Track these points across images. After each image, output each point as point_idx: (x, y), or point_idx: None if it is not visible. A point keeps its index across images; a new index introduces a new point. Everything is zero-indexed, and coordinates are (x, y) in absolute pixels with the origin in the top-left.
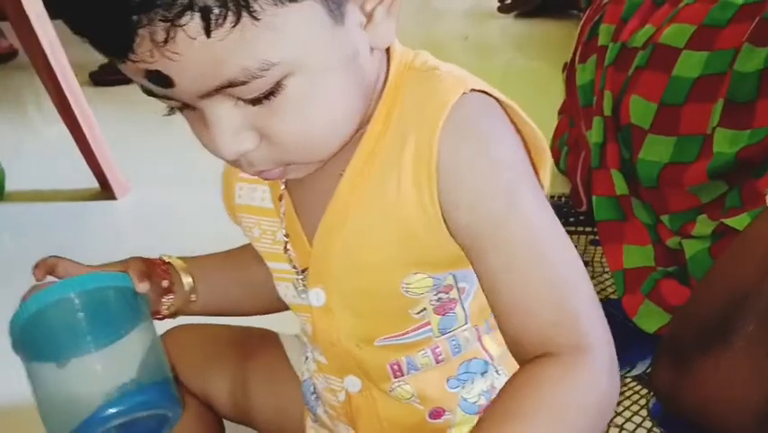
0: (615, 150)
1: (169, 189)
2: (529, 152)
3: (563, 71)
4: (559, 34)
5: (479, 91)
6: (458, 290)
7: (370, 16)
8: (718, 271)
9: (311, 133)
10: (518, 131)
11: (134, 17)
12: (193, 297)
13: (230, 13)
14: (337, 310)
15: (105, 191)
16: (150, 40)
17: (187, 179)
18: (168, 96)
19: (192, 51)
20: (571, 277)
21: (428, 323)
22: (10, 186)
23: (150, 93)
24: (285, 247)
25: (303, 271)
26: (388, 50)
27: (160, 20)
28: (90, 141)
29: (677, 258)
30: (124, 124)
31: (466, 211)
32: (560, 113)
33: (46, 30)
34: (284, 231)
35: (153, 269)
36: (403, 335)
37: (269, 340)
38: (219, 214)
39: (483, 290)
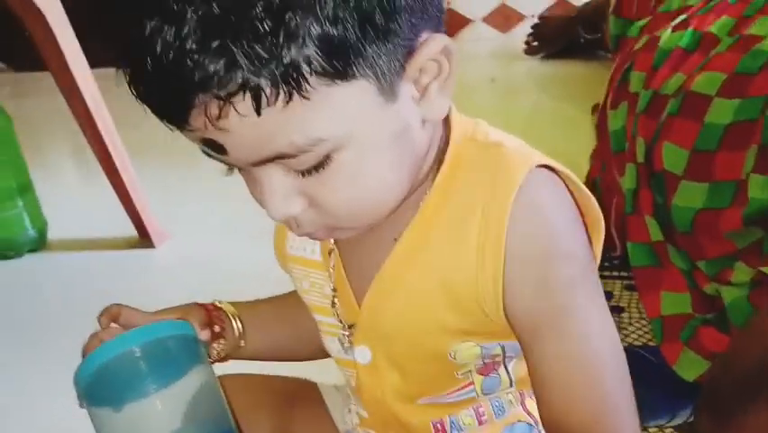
0: (648, 196)
1: (207, 238)
2: (585, 222)
3: (592, 113)
4: (586, 75)
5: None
6: (504, 357)
7: (424, 91)
8: (759, 320)
9: (358, 203)
10: (575, 200)
11: (191, 94)
12: (242, 342)
13: (281, 93)
14: (383, 369)
15: (144, 240)
16: (204, 114)
17: (226, 228)
18: (223, 161)
19: (243, 127)
20: (617, 374)
21: (471, 383)
22: (51, 235)
23: (208, 154)
24: (332, 302)
25: (350, 327)
26: (446, 117)
27: (214, 97)
28: (130, 190)
29: (715, 305)
30: (164, 172)
31: (529, 298)
32: (592, 158)
33: (88, 83)
34: (332, 285)
35: (207, 316)
36: (447, 395)
37: (310, 391)
38: (257, 264)
39: (530, 372)
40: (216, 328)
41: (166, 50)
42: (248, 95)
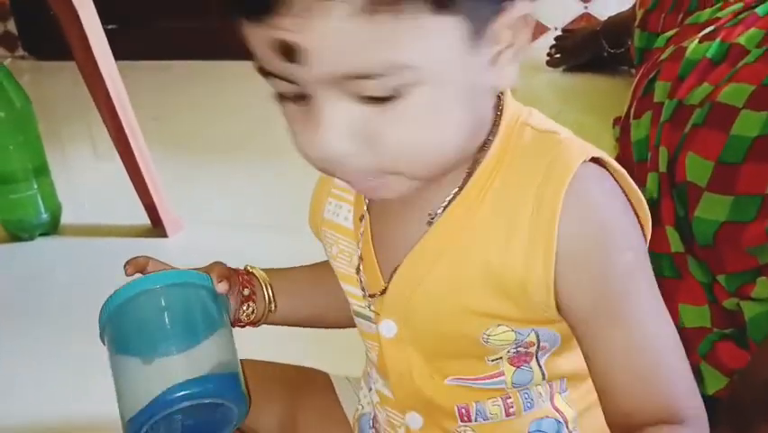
0: (670, 206)
1: (220, 230)
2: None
3: (614, 126)
4: (608, 89)
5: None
6: (538, 346)
7: (498, 55)
8: None
9: (420, 148)
10: (626, 197)
11: None
12: (272, 307)
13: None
14: (408, 344)
15: (157, 229)
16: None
17: (240, 220)
18: (289, 76)
19: (345, 26)
20: (679, 355)
21: (502, 373)
22: (64, 219)
23: (265, 73)
24: (357, 269)
25: (371, 297)
26: (499, 98)
27: None
28: (145, 178)
29: (734, 319)
30: (180, 161)
31: (586, 287)
32: None
33: (110, 68)
34: (359, 252)
35: (235, 276)
36: (474, 379)
37: (320, 380)
38: (270, 257)
39: (588, 360)
40: (246, 291)
41: None
42: None
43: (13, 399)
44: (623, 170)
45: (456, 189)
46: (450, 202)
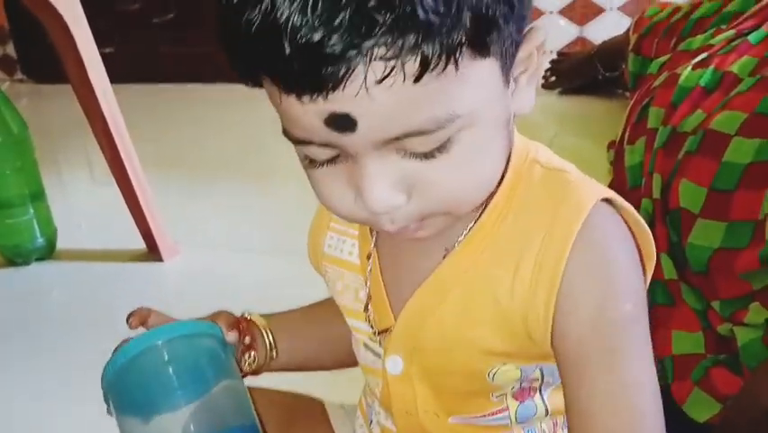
0: (663, 233)
1: (216, 255)
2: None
3: (608, 149)
4: (603, 112)
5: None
6: (542, 382)
7: (516, 82)
8: None
9: (467, 186)
10: (631, 228)
11: (358, 56)
12: (274, 354)
13: (442, 61)
14: (415, 381)
15: (153, 253)
16: (362, 79)
17: (236, 245)
18: (333, 143)
19: (396, 94)
20: (657, 421)
21: (506, 408)
22: (60, 244)
23: (301, 141)
24: (366, 306)
25: (380, 334)
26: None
27: (381, 59)
28: (141, 202)
29: (728, 345)
30: (175, 184)
31: (581, 332)
32: None
33: (106, 94)
34: (367, 290)
35: (237, 320)
36: (479, 417)
37: (314, 408)
38: (266, 282)
39: (566, 402)
40: (247, 340)
41: (337, 5)
42: (418, 58)
43: (11, 423)
44: (630, 207)
45: (472, 223)
46: (464, 236)
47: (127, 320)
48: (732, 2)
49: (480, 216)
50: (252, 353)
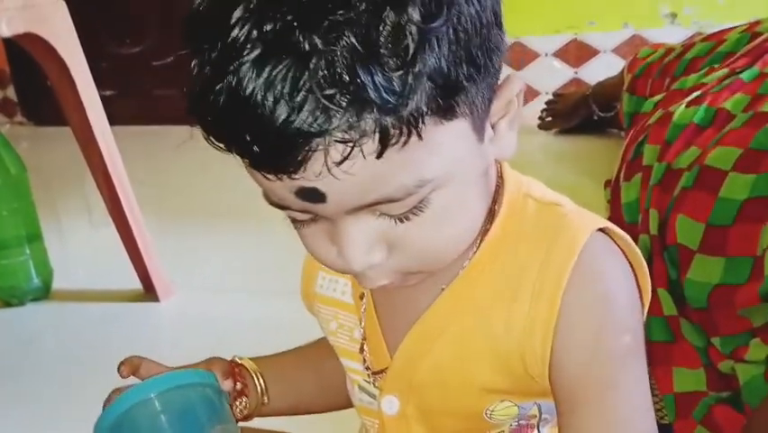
0: (662, 269)
1: (213, 295)
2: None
3: (605, 187)
4: (599, 152)
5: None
6: (540, 419)
7: (495, 128)
8: None
9: (439, 246)
10: (628, 260)
11: (317, 137)
12: (265, 399)
13: (403, 134)
14: (411, 422)
15: (149, 294)
16: (323, 160)
17: (232, 286)
18: (308, 210)
19: (359, 171)
20: None
21: None
22: (56, 284)
23: (279, 206)
24: (361, 347)
25: (376, 374)
26: (500, 166)
27: (339, 141)
28: (138, 243)
29: (730, 383)
30: (173, 229)
31: (578, 366)
32: None
33: (105, 136)
34: (361, 330)
35: (231, 367)
36: None
37: None
38: (263, 323)
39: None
40: (238, 385)
41: (294, 89)
42: (376, 136)
43: None
44: (626, 236)
45: (467, 261)
46: (459, 274)
47: (118, 369)
48: (724, 42)
49: (474, 253)
50: (244, 399)
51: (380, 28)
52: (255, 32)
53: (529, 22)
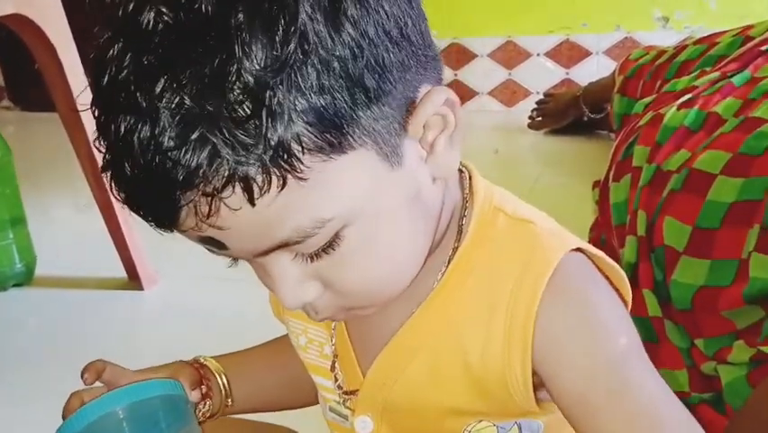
0: (648, 270)
1: (197, 286)
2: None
3: (594, 188)
4: (587, 152)
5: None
6: None
7: (431, 147)
8: (758, 401)
9: (375, 281)
10: (609, 279)
11: (177, 193)
12: (229, 401)
13: (274, 179)
14: None
15: (133, 282)
16: (194, 214)
17: (217, 276)
18: (226, 255)
19: (239, 221)
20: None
21: None
22: (39, 270)
23: (210, 250)
24: (332, 365)
25: (348, 394)
26: (466, 178)
27: (202, 194)
28: (124, 231)
29: (712, 384)
30: None
31: (580, 379)
32: (591, 231)
33: (92, 121)
34: (332, 347)
35: (199, 374)
36: None
37: None
38: (247, 313)
39: None
40: (203, 389)
41: (143, 149)
42: (238, 186)
43: None
44: (602, 254)
45: (439, 276)
46: (430, 294)
47: (82, 376)
48: (717, 45)
49: (444, 271)
50: (207, 402)
51: (223, 76)
52: (110, 84)
53: (522, 22)
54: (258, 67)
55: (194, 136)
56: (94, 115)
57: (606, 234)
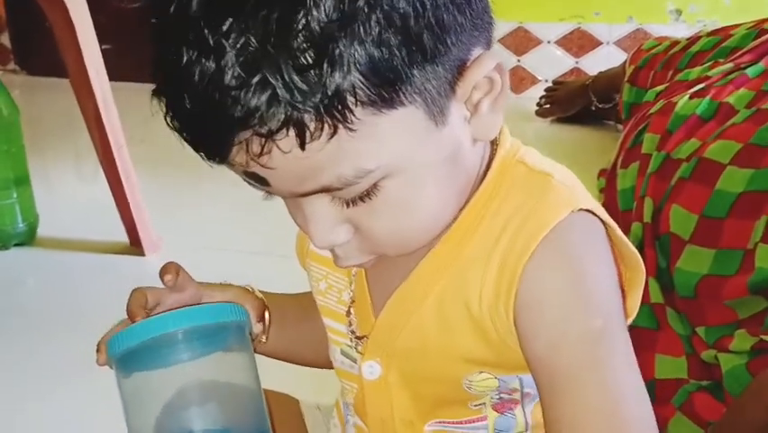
0: (652, 256)
1: (199, 253)
2: (621, 273)
3: (599, 177)
4: (593, 142)
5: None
6: (522, 393)
7: (475, 108)
8: (757, 389)
9: (407, 231)
10: (616, 250)
11: (232, 131)
12: (264, 338)
13: (326, 127)
14: (392, 387)
15: (135, 247)
16: (245, 151)
17: (220, 245)
18: (267, 191)
19: (287, 162)
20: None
21: (484, 417)
22: (41, 231)
23: (250, 184)
24: (348, 310)
25: (360, 339)
26: (496, 139)
27: (256, 135)
28: (128, 196)
29: (711, 372)
30: (164, 184)
31: (545, 346)
32: None
33: (102, 87)
34: (351, 293)
35: (263, 307)
36: (457, 423)
37: (291, 407)
38: (246, 278)
39: (544, 416)
40: (266, 322)
41: (203, 84)
42: (291, 130)
43: None
44: (613, 224)
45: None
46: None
47: (161, 276)
48: (731, 38)
49: (459, 215)
50: (264, 337)
51: (290, 23)
52: (177, 15)
53: (534, 8)
54: (325, 18)
55: (256, 79)
56: (152, 42)
57: None
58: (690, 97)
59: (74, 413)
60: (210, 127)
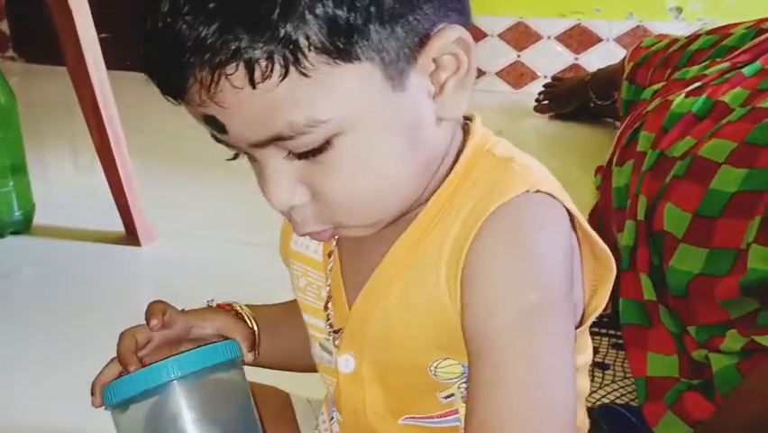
0: (645, 254)
1: (194, 243)
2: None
3: (596, 174)
4: (590, 139)
5: (546, 194)
6: None
7: (441, 87)
8: (747, 389)
9: (359, 195)
10: (587, 244)
11: (185, 59)
12: (256, 353)
13: (277, 66)
14: (365, 380)
15: (130, 237)
16: (199, 84)
17: (215, 236)
18: (225, 141)
19: (238, 101)
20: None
21: (456, 411)
22: (37, 219)
23: (214, 137)
24: (326, 305)
25: (336, 332)
26: (468, 128)
27: (208, 65)
28: (124, 186)
29: (702, 371)
30: (160, 176)
31: (478, 315)
32: (589, 215)
33: (100, 76)
34: (328, 288)
35: (253, 337)
36: (429, 418)
37: (280, 400)
38: (242, 274)
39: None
40: (256, 353)
41: (165, 12)
42: (241, 65)
43: None
44: (579, 215)
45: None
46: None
47: (147, 321)
48: (729, 36)
49: (423, 205)
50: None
51: None
52: None
53: (534, 3)
54: None
55: (210, 6)
56: None
57: (605, 218)
58: (686, 96)
59: (69, 400)
60: (167, 57)
